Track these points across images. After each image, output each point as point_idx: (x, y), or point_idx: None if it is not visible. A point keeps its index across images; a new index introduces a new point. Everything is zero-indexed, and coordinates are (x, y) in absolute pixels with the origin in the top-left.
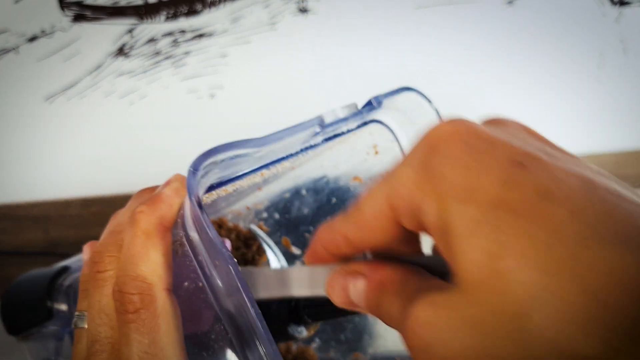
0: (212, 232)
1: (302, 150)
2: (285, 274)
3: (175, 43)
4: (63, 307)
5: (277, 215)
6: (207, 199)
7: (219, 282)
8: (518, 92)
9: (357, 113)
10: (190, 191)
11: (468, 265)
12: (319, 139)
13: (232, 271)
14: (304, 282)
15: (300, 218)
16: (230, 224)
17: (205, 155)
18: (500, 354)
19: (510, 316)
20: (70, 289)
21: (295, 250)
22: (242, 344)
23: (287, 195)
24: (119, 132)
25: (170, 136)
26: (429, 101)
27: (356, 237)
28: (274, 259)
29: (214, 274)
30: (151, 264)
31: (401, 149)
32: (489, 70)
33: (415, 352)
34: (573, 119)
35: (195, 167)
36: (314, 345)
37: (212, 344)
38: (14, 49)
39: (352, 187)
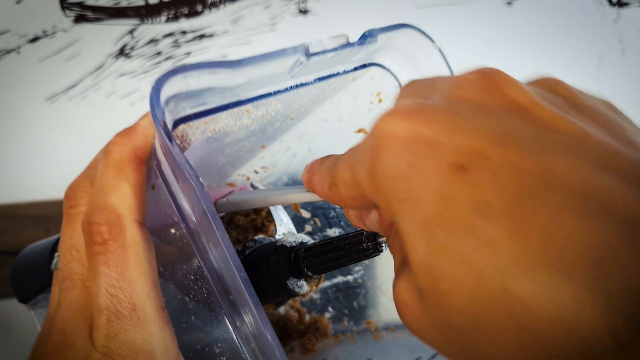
0: (176, 153)
1: (291, 88)
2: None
3: (176, 44)
4: None
5: (285, 178)
6: (185, 131)
7: (187, 207)
8: None
9: (348, 45)
10: (153, 108)
11: (415, 264)
12: (310, 76)
13: (197, 191)
14: (281, 192)
15: None
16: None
17: (172, 72)
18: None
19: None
20: None
21: (305, 214)
22: (219, 282)
23: (293, 155)
24: None
25: None
26: (431, 40)
27: (338, 199)
28: (284, 221)
29: (183, 200)
30: (121, 195)
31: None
32: None
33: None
34: None
35: (159, 82)
36: (328, 315)
37: (190, 283)
38: (15, 49)
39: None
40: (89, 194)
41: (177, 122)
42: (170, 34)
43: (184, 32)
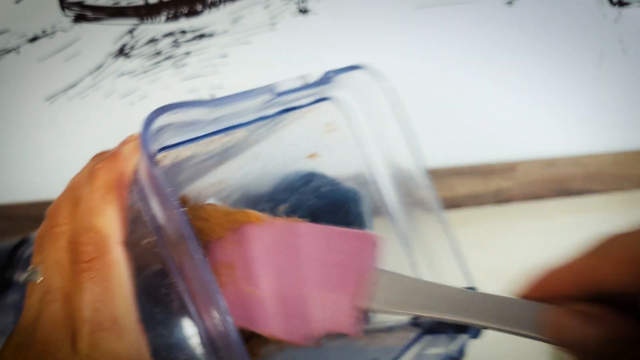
0: (162, 183)
1: (257, 120)
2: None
3: (175, 43)
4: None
5: (238, 193)
6: (163, 158)
7: (169, 232)
8: (518, 93)
9: (310, 85)
10: (143, 143)
11: None
12: (273, 109)
13: (178, 218)
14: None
15: (259, 196)
16: (192, 202)
17: (160, 110)
18: None
19: None
20: (30, 259)
21: None
22: (194, 299)
23: (247, 173)
24: (120, 131)
25: None
26: (384, 79)
27: (596, 275)
28: None
29: (165, 224)
30: (107, 218)
31: (356, 127)
32: (488, 70)
33: None
34: (573, 119)
35: (149, 120)
36: None
37: (166, 299)
38: (14, 49)
39: (308, 165)
40: (72, 215)
41: (160, 150)
42: (170, 34)
43: (183, 32)
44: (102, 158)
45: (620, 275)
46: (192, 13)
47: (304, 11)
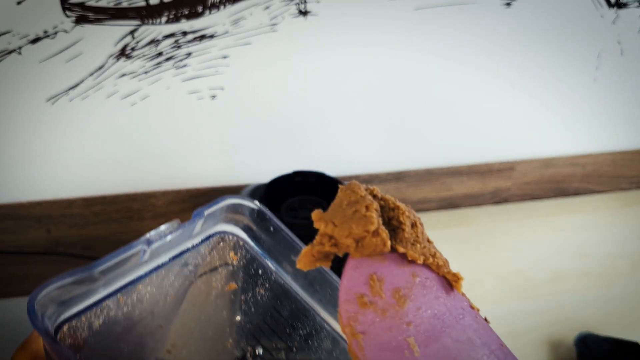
0: (66, 353)
1: (150, 272)
2: None
3: (176, 44)
4: None
5: (200, 352)
6: (73, 328)
7: None
8: (516, 93)
9: (180, 227)
10: (32, 320)
11: None
12: (166, 257)
13: None
14: None
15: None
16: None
17: (38, 290)
18: None
19: None
20: None
21: None
22: None
23: (192, 328)
24: (121, 132)
25: (171, 136)
26: (251, 201)
27: None
28: None
29: None
30: None
31: (254, 251)
32: (487, 71)
33: None
34: (570, 120)
35: (30, 301)
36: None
37: None
38: (16, 50)
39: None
40: None
41: (62, 323)
42: (171, 35)
43: (184, 33)
44: (19, 346)
45: None
46: (193, 14)
47: (304, 12)
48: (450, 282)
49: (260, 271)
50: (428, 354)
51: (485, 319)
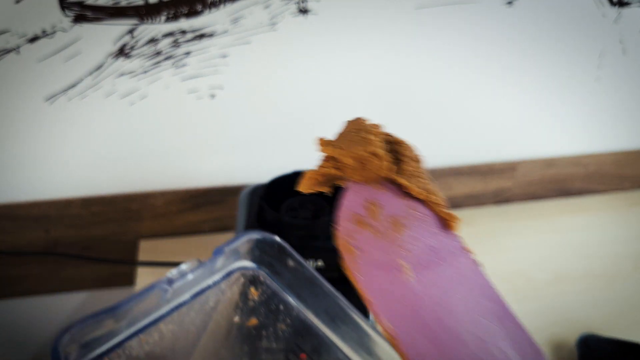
0: None
1: (172, 310)
2: None
3: (175, 43)
4: None
5: None
6: None
7: None
8: (518, 92)
9: (201, 265)
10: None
11: None
12: (187, 295)
13: None
14: None
15: None
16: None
17: (61, 334)
18: None
19: None
20: None
21: None
22: None
23: None
24: (120, 132)
25: (170, 136)
26: (271, 235)
27: None
28: None
29: None
30: None
31: (274, 286)
32: (489, 70)
33: None
34: (572, 119)
35: (55, 345)
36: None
37: None
38: (14, 49)
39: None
40: None
41: None
42: (170, 34)
43: (183, 32)
44: None
45: None
46: (192, 13)
47: (304, 11)
48: (446, 221)
49: (281, 306)
50: (422, 281)
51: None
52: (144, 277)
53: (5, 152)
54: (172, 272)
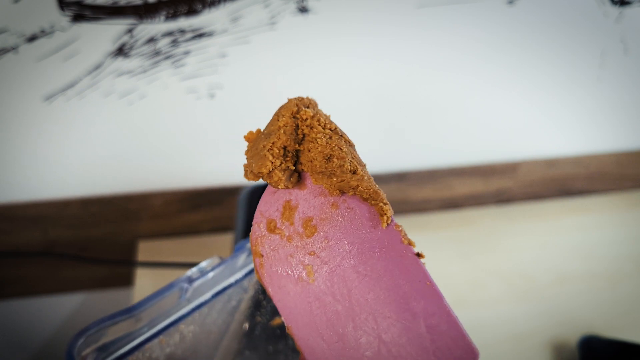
0: None
1: (193, 310)
2: None
3: (174, 43)
4: None
5: None
6: None
7: None
8: (519, 92)
9: (222, 262)
10: None
11: None
12: (209, 295)
13: None
14: None
15: None
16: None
17: (77, 335)
18: None
19: None
20: None
21: None
22: None
23: None
24: (118, 132)
25: (169, 136)
26: None
27: None
28: None
29: None
30: None
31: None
32: (490, 70)
33: None
34: (574, 119)
35: (69, 349)
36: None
37: None
38: (13, 48)
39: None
40: None
41: None
42: (169, 33)
43: (182, 31)
44: None
45: None
46: (192, 12)
47: (303, 11)
48: (379, 215)
49: None
50: (323, 283)
51: (418, 255)
52: (142, 277)
53: (2, 152)
54: (192, 270)
